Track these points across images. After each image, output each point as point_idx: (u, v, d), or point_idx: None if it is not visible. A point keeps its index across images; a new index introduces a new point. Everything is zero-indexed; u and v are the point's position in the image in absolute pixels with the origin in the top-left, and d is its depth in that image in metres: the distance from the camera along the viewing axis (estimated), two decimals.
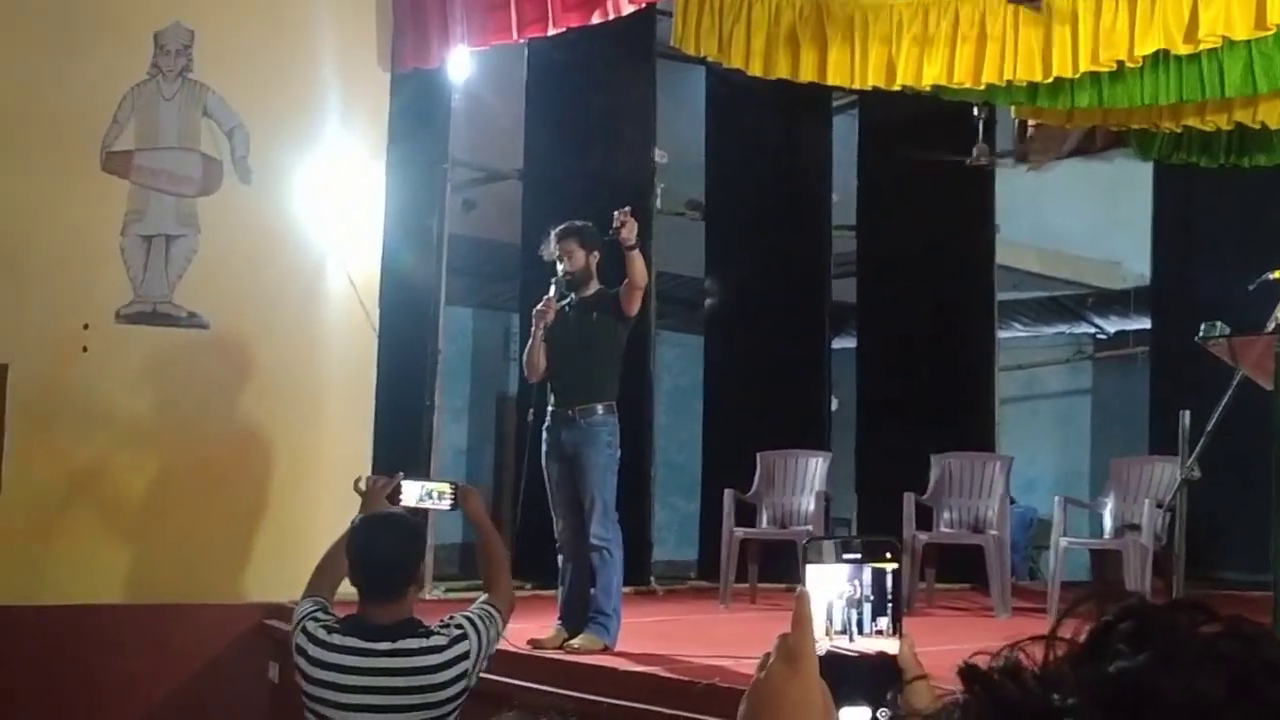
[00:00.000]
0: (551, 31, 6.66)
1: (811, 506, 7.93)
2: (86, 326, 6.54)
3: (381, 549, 3.57)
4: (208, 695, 6.42)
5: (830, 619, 1.16)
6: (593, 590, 5.74)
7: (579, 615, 5.74)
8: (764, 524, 8.09)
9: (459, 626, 3.57)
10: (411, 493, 3.94)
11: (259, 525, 6.57)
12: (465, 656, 3.52)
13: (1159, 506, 6.82)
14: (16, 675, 6.21)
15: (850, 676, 1.14)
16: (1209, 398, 5.03)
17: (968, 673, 0.77)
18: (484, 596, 3.77)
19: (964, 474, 7.96)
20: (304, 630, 3.59)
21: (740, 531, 7.80)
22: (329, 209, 6.92)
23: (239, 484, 6.65)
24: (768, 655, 1.14)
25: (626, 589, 6.15)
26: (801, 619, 1.14)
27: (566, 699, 4.86)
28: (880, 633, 1.17)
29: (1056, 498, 7.66)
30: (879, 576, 1.17)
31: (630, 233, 5.61)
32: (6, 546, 6.36)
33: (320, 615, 3.63)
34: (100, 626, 6.35)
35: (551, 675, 5.34)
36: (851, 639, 1.16)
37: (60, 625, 6.29)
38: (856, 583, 1.17)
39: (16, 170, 6.53)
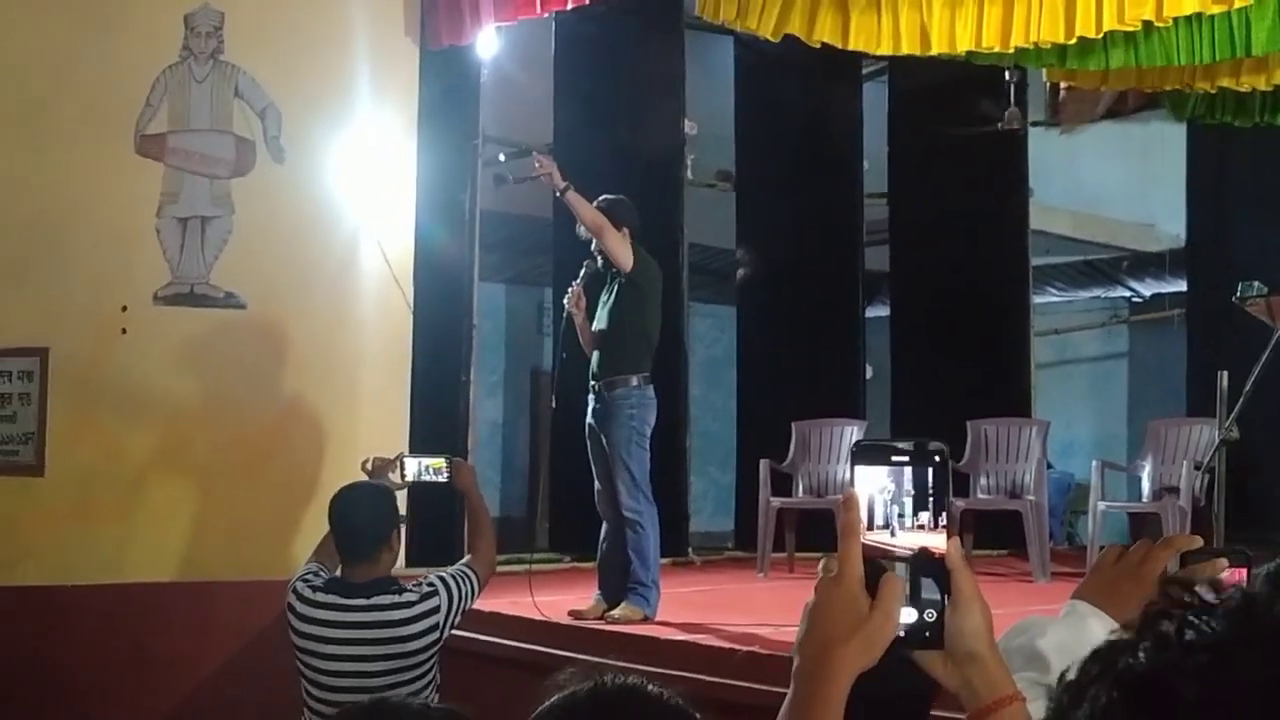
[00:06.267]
0: (571, 4, 6.67)
1: (847, 475, 7.92)
2: (125, 309, 6.59)
3: (356, 516, 3.99)
4: (253, 669, 6.48)
5: (872, 515, 1.16)
6: (631, 565, 5.78)
7: (616, 584, 5.78)
8: (800, 493, 8.11)
9: (430, 585, 3.97)
10: (411, 469, 4.35)
11: (300, 500, 6.62)
12: (435, 611, 3.90)
13: (1197, 468, 6.79)
14: (66, 653, 6.30)
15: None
16: (1246, 358, 5.01)
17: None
18: (466, 559, 4.19)
19: (1000, 440, 7.95)
20: (294, 590, 4.01)
21: (777, 501, 7.82)
22: (362, 187, 6.95)
23: (279, 460, 6.70)
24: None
25: (664, 560, 6.19)
26: (846, 527, 1.14)
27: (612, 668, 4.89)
28: (921, 527, 1.16)
29: (1094, 462, 7.64)
30: (920, 473, 1.17)
31: (552, 178, 5.66)
32: (52, 527, 6.44)
33: (310, 577, 4.03)
34: (146, 604, 6.42)
35: (592, 645, 5.38)
36: (893, 534, 1.16)
37: (106, 604, 6.37)
38: (898, 479, 1.17)
39: (52, 156, 6.59)
